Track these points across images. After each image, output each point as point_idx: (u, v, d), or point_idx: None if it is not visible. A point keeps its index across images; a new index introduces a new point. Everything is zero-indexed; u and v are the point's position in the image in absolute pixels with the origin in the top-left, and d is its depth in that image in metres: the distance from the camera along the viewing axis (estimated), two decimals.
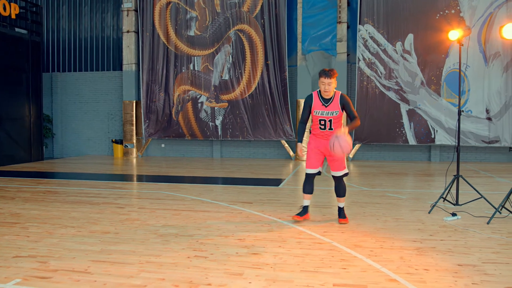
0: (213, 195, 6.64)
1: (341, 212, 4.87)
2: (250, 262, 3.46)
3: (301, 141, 4.81)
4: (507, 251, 3.77)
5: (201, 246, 3.89)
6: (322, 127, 4.64)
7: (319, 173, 4.82)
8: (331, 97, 4.56)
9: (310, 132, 4.85)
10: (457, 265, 3.38)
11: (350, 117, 4.62)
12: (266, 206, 5.73)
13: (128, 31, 13.68)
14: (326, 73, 4.46)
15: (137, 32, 13.72)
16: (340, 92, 4.61)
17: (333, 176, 4.80)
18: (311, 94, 4.66)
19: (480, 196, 5.66)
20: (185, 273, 3.19)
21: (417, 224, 4.76)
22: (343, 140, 4.22)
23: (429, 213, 5.32)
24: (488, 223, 4.77)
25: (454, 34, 5.80)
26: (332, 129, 4.62)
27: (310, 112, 4.67)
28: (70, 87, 14.86)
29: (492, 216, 4.85)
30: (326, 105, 4.56)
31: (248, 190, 7.13)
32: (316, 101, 4.60)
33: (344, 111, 4.64)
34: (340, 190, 4.81)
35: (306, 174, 4.83)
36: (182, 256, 3.61)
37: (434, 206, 5.47)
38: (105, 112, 14.65)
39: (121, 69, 14.29)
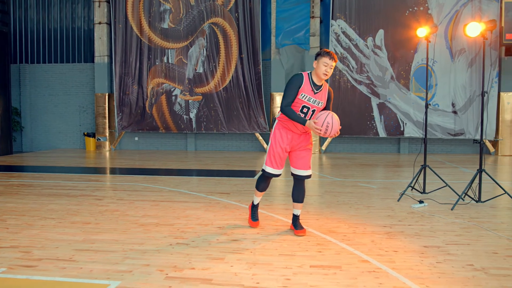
0: (190, 187, 6.74)
1: (297, 222, 4.07)
2: (231, 247, 3.61)
3: (305, 120, 3.71)
4: (468, 233, 4.07)
5: (182, 234, 4.01)
6: (302, 116, 3.82)
7: (279, 175, 4.06)
8: (322, 85, 3.83)
9: (275, 121, 4.03)
10: (423, 247, 3.64)
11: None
12: (243, 196, 5.89)
13: (100, 23, 13.48)
14: (330, 54, 3.69)
15: (109, 24, 13.54)
16: (328, 85, 3.94)
17: (294, 176, 4.02)
18: (301, 74, 3.79)
19: (445, 185, 6.00)
20: (169, 259, 3.31)
21: (387, 211, 5.02)
22: (335, 119, 3.67)
23: (398, 201, 5.61)
24: (452, 209, 5.08)
25: (422, 31, 6.08)
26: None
27: (296, 94, 3.77)
28: (39, 79, 14.54)
29: (456, 203, 5.18)
30: (316, 91, 3.79)
31: (224, 182, 7.27)
32: (306, 83, 3.76)
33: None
34: (300, 195, 4.04)
35: (267, 173, 4.00)
36: (164, 243, 3.72)
37: (402, 194, 5.76)
38: (77, 104, 14.42)
39: (92, 61, 14.08)
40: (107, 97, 13.62)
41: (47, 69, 14.49)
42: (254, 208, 4.36)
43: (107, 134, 13.72)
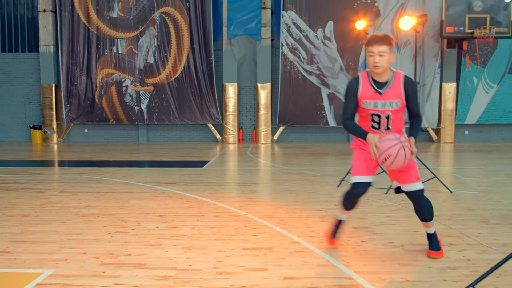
0: (138, 178, 6.74)
1: (432, 241, 3.22)
2: (169, 234, 3.71)
3: (366, 133, 2.97)
4: (396, 215, 4.37)
5: (123, 223, 4.06)
6: (376, 125, 3.06)
7: (370, 184, 3.17)
8: (389, 79, 2.99)
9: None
10: (352, 228, 3.89)
11: (411, 114, 3.09)
12: (188, 186, 5.98)
13: (44, 10, 12.99)
14: (372, 39, 2.95)
15: (54, 12, 13.06)
16: (403, 73, 3.04)
17: (407, 194, 3.14)
18: (355, 78, 3.06)
19: (382, 171, 6.34)
20: (106, 247, 3.37)
21: (326, 197, 5.28)
22: (408, 148, 2.86)
23: (338, 186, 5.89)
24: (386, 193, 5.41)
25: (360, 24, 6.34)
26: (389, 128, 3.06)
27: (357, 103, 3.04)
28: None
29: (390, 187, 5.50)
30: (381, 91, 2.98)
31: (173, 172, 7.31)
32: (365, 86, 3.01)
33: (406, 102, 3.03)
34: (423, 211, 3.13)
35: (353, 184, 3.15)
36: (103, 232, 3.76)
37: (342, 180, 6.05)
38: (21, 96, 13.84)
39: (37, 50, 13.54)
40: (53, 88, 13.19)
41: None
42: (338, 223, 3.43)
43: (55, 127, 13.31)
